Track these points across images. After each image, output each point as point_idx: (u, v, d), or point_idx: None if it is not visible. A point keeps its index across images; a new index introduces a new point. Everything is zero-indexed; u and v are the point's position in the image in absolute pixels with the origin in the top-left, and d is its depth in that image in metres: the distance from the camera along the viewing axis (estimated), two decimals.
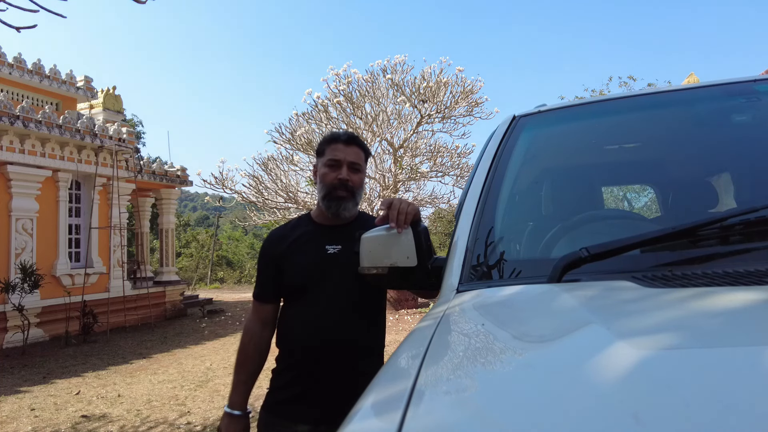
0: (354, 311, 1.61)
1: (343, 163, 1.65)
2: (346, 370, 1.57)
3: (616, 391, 0.44)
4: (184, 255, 27.76)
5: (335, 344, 1.57)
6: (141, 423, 4.87)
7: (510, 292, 0.92)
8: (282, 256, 1.67)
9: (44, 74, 11.28)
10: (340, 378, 1.56)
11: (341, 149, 1.67)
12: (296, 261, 1.65)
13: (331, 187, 1.64)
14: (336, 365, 1.57)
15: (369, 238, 1.27)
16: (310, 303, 1.61)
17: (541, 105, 1.56)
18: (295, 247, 1.67)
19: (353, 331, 1.60)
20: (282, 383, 1.64)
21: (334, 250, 1.63)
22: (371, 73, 11.79)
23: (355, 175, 1.67)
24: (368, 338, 1.66)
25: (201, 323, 11.49)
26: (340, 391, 1.54)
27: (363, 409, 0.55)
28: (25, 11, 2.94)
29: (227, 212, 33.44)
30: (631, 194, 6.57)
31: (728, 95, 1.41)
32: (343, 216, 1.66)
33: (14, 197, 9.28)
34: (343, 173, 1.64)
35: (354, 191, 1.67)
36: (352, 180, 1.66)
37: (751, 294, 0.68)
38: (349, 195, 1.65)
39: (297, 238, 1.68)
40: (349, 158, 1.66)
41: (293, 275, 1.64)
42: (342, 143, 1.68)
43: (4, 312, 8.80)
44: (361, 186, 1.72)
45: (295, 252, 1.66)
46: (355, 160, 1.68)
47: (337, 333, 1.57)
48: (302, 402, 1.57)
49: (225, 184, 11.98)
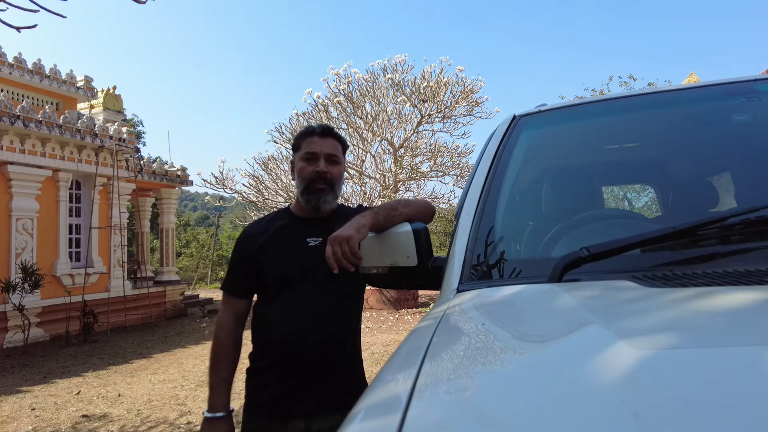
0: (336, 304, 1.61)
1: (320, 155, 1.64)
2: (330, 363, 1.57)
3: (617, 390, 0.44)
4: (185, 255, 27.77)
5: (318, 337, 1.56)
6: (141, 423, 4.87)
7: (510, 291, 0.92)
8: (260, 250, 1.64)
9: (44, 74, 11.27)
10: (325, 371, 1.56)
11: (317, 142, 1.66)
12: (276, 255, 1.62)
13: (310, 180, 1.63)
14: (320, 359, 1.56)
15: (369, 238, 1.27)
16: (292, 297, 1.59)
17: (541, 105, 1.56)
18: (275, 240, 1.65)
19: (336, 324, 1.60)
20: (263, 382, 1.62)
21: (314, 243, 1.61)
22: (371, 72, 11.80)
23: (333, 167, 1.66)
24: (350, 330, 1.67)
25: (201, 323, 11.49)
26: (328, 384, 1.55)
27: (363, 409, 0.55)
28: (25, 11, 2.94)
29: (227, 212, 33.43)
30: (632, 194, 6.57)
31: (728, 95, 1.41)
32: (324, 209, 1.65)
33: (15, 197, 9.28)
34: (320, 165, 1.63)
35: (333, 183, 1.66)
36: (330, 172, 1.65)
37: (752, 294, 0.68)
38: (328, 188, 1.64)
39: (276, 231, 1.66)
40: (326, 150, 1.65)
41: (273, 269, 1.62)
42: (317, 136, 1.67)
43: (5, 312, 8.81)
44: (340, 178, 1.70)
45: (275, 246, 1.64)
46: (331, 152, 1.66)
47: (320, 326, 1.57)
48: (290, 398, 1.56)
49: (225, 183, 12.00)
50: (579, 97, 12.73)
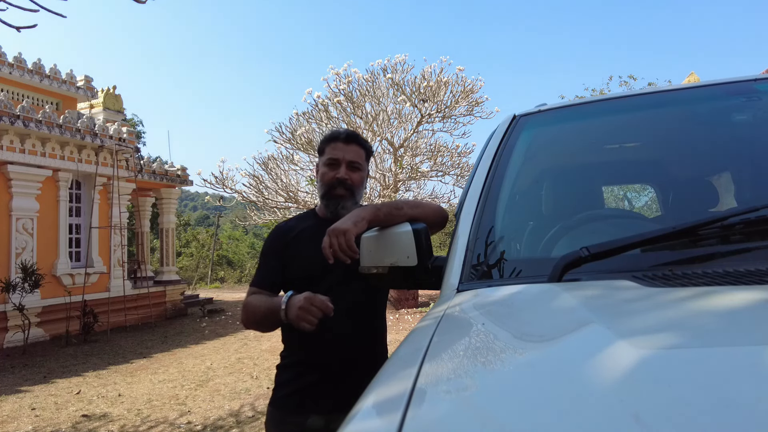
0: (356, 305, 1.61)
1: (342, 161, 1.66)
2: (354, 362, 1.58)
3: (617, 390, 0.44)
4: (185, 254, 27.77)
5: (339, 337, 1.57)
6: (141, 422, 4.87)
7: (510, 291, 0.92)
8: (286, 247, 1.67)
9: (44, 74, 11.27)
10: (345, 371, 1.57)
11: (340, 148, 1.67)
12: (298, 254, 1.66)
13: (330, 186, 1.65)
14: (341, 357, 1.58)
15: (369, 237, 1.27)
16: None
17: (541, 104, 1.56)
18: (299, 240, 1.67)
19: (356, 325, 1.61)
20: (287, 378, 1.65)
21: None
22: (371, 72, 11.79)
23: (355, 173, 1.67)
24: (371, 332, 1.67)
25: (201, 323, 11.50)
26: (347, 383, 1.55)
27: (363, 408, 0.55)
28: (25, 11, 2.94)
29: (227, 212, 33.46)
30: (632, 194, 6.57)
31: (728, 94, 1.41)
32: (343, 215, 1.65)
33: (15, 197, 9.28)
34: (341, 172, 1.65)
35: (353, 189, 1.67)
36: (351, 178, 1.66)
37: (752, 293, 0.68)
38: (347, 194, 1.65)
39: (301, 231, 1.69)
40: (348, 157, 1.67)
41: (295, 268, 1.65)
42: (341, 142, 1.68)
43: (5, 311, 8.80)
44: (362, 184, 1.72)
45: (299, 245, 1.67)
46: (354, 159, 1.68)
47: (340, 327, 1.57)
48: (310, 395, 1.58)
49: (225, 183, 11.99)
50: (579, 97, 12.73)
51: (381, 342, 1.72)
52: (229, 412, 4.94)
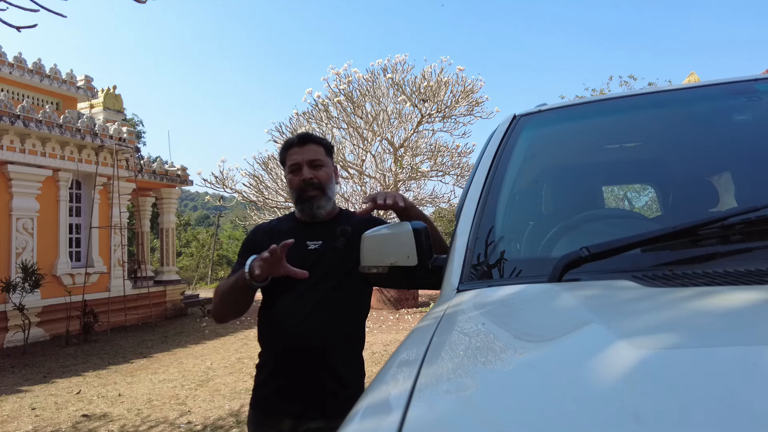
0: (333, 307, 1.61)
1: (303, 164, 1.69)
2: (323, 365, 1.57)
3: (617, 390, 0.44)
4: (185, 254, 27.79)
5: (312, 339, 1.57)
6: (141, 422, 4.87)
7: (510, 291, 0.92)
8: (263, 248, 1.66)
9: (44, 74, 11.27)
10: (318, 373, 1.57)
11: (297, 152, 1.71)
12: None
13: (300, 190, 1.69)
14: (313, 360, 1.57)
15: (370, 237, 1.27)
16: (289, 298, 1.62)
17: (541, 104, 1.56)
18: (277, 241, 1.66)
19: (331, 327, 1.60)
20: (262, 379, 1.66)
21: (314, 246, 1.66)
22: (372, 72, 11.80)
23: (319, 171, 1.70)
24: (347, 334, 1.66)
25: (201, 323, 11.49)
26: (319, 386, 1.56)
27: (364, 408, 0.55)
28: (25, 11, 2.94)
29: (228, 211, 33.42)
30: (632, 193, 6.57)
31: (729, 94, 1.41)
32: (319, 214, 1.69)
33: (15, 197, 9.28)
34: (305, 173, 1.68)
35: (323, 187, 1.69)
36: (317, 176, 1.69)
37: (752, 293, 0.68)
38: (318, 192, 1.68)
39: (279, 233, 1.71)
40: (307, 157, 1.70)
41: None
42: (297, 146, 1.72)
43: (5, 311, 8.81)
44: (330, 179, 1.74)
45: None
46: (313, 157, 1.70)
47: (314, 328, 1.58)
48: (282, 397, 1.58)
49: (225, 183, 12.00)
50: (579, 97, 12.73)
51: (353, 346, 1.70)
52: (229, 412, 4.94)
